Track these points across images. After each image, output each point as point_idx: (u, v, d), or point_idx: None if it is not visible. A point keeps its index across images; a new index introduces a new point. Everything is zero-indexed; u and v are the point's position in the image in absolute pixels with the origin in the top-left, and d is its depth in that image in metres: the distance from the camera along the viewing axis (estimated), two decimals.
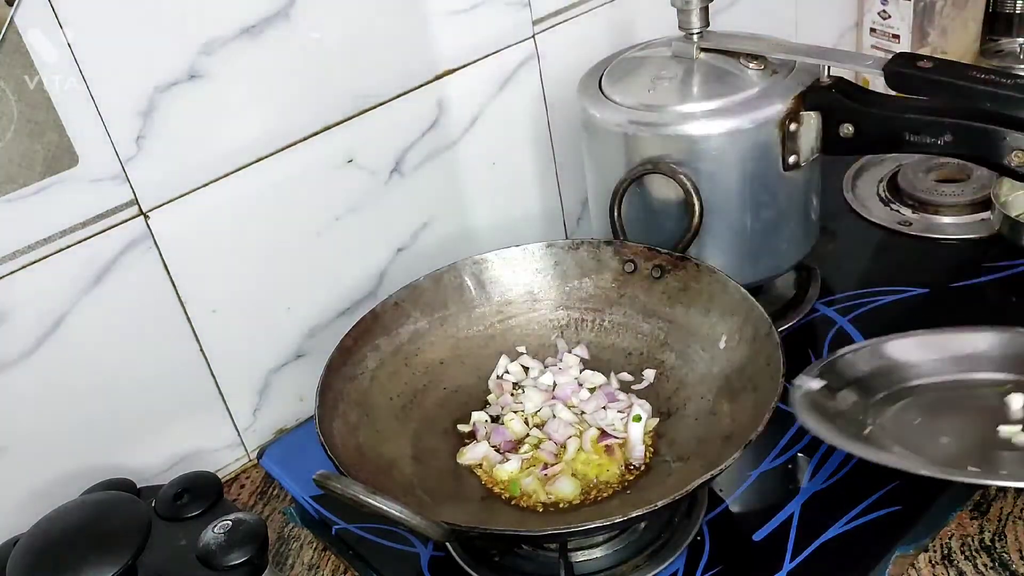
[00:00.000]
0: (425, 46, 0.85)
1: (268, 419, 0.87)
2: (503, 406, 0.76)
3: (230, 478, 0.85)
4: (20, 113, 0.65)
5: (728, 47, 0.79)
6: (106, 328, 0.74)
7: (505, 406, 0.76)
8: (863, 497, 0.67)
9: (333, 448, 0.64)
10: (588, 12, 0.96)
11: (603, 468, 0.69)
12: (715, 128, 0.75)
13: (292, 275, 0.83)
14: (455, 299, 0.80)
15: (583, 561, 0.66)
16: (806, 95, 0.75)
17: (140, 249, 0.74)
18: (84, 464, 0.75)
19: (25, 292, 0.69)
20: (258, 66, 0.75)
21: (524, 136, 0.96)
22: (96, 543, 0.53)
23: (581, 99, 0.82)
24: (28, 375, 0.71)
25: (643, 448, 0.71)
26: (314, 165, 0.81)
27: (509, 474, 0.70)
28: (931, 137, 0.70)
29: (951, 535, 0.68)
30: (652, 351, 0.78)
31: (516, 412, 0.75)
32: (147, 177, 0.72)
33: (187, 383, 0.80)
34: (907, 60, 0.71)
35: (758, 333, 0.69)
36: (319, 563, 0.75)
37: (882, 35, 1.19)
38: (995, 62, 1.21)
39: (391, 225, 0.89)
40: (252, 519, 0.58)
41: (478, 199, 0.95)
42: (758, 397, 0.66)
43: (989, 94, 0.66)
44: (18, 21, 0.63)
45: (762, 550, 0.65)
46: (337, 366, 0.71)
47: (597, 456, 0.70)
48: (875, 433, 0.66)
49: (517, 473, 0.70)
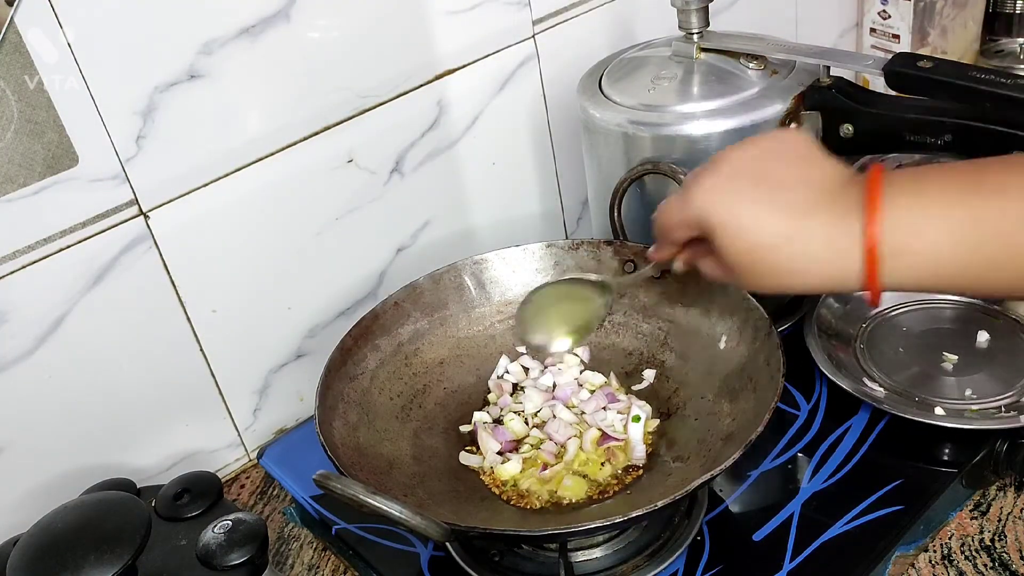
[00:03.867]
0: (425, 46, 0.85)
1: (268, 419, 0.87)
2: (503, 407, 0.76)
3: (230, 478, 0.85)
4: (20, 113, 0.65)
5: (728, 47, 0.79)
6: (106, 328, 0.74)
7: (505, 407, 0.76)
8: (863, 497, 0.67)
9: (333, 448, 0.64)
10: (588, 12, 0.96)
11: (603, 468, 0.69)
12: (715, 128, 0.74)
13: (292, 275, 0.83)
14: (455, 299, 0.80)
15: (583, 561, 0.66)
16: (806, 95, 0.75)
17: (140, 249, 0.74)
18: (84, 464, 0.76)
19: (25, 292, 0.69)
20: (258, 66, 0.75)
21: (524, 136, 0.97)
22: (96, 543, 0.53)
23: (581, 99, 0.82)
24: (28, 375, 0.71)
25: (644, 448, 0.71)
26: (314, 165, 0.81)
27: (511, 475, 0.70)
28: (931, 137, 0.70)
29: (951, 535, 0.68)
30: (652, 351, 0.78)
31: (517, 412, 0.75)
32: (147, 177, 0.72)
33: (187, 383, 0.80)
34: (907, 60, 0.70)
35: (758, 333, 0.69)
36: (319, 563, 0.75)
37: (882, 35, 1.18)
38: (995, 62, 1.21)
39: (391, 225, 0.89)
40: (252, 519, 0.58)
41: (478, 199, 0.95)
42: (758, 397, 0.66)
43: (989, 94, 0.66)
44: (18, 21, 0.63)
45: (762, 550, 0.65)
46: (337, 366, 0.71)
47: (597, 456, 0.70)
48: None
49: (518, 474, 0.70)
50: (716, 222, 0.54)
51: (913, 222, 0.50)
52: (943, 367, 0.77)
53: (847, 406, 0.74)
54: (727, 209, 0.54)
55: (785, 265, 0.52)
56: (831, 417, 0.75)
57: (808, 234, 0.51)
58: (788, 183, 0.53)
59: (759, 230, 0.52)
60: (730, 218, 0.53)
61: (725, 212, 0.54)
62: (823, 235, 0.51)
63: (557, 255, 0.81)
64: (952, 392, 0.74)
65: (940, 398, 0.74)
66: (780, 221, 0.52)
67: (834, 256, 0.51)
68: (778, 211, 0.52)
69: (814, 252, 0.51)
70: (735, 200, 0.54)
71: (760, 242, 0.52)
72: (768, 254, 0.52)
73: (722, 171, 0.55)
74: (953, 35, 1.18)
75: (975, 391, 0.74)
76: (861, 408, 0.74)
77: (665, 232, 0.60)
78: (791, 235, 0.52)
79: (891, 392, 0.75)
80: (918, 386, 0.75)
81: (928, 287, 0.52)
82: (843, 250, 0.51)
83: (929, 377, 0.76)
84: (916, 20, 1.14)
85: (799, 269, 0.52)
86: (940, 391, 0.75)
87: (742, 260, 0.54)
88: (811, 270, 0.52)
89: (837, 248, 0.51)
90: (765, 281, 0.54)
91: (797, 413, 0.76)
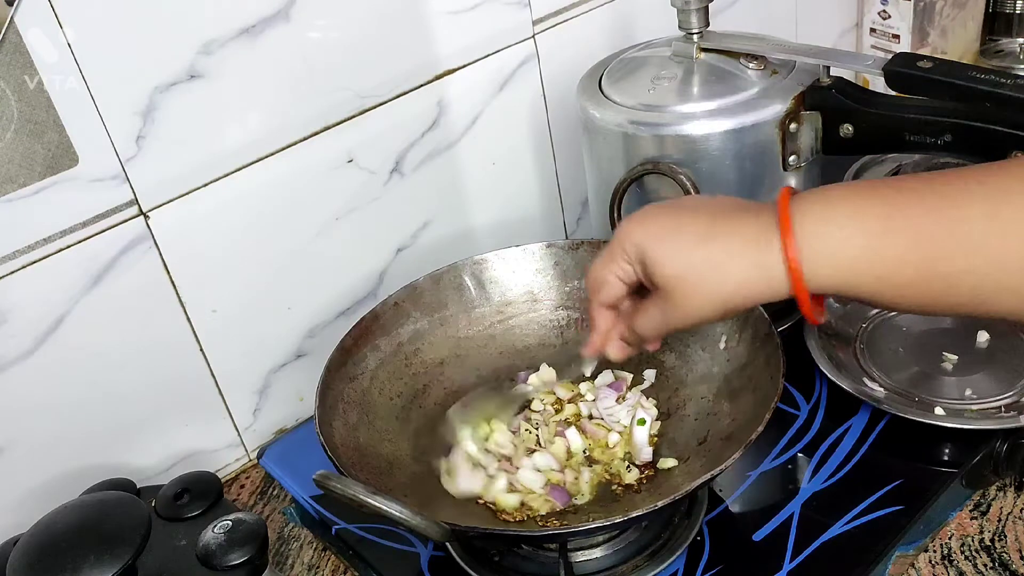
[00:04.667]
0: (425, 46, 0.85)
1: (268, 419, 0.87)
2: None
3: (230, 478, 0.85)
4: (20, 113, 0.65)
5: (728, 47, 0.79)
6: (106, 328, 0.74)
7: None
8: (863, 497, 0.67)
9: (333, 448, 0.64)
10: (588, 12, 0.96)
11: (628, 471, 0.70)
12: (715, 128, 0.74)
13: (292, 275, 0.83)
14: (455, 299, 0.80)
15: (583, 561, 0.66)
16: (806, 95, 0.75)
17: (140, 249, 0.74)
18: (84, 464, 0.76)
19: (25, 292, 0.69)
20: (258, 66, 0.75)
21: (524, 136, 0.97)
22: (96, 543, 0.53)
23: (581, 99, 0.82)
24: (28, 375, 0.71)
25: (650, 451, 0.71)
26: (314, 165, 0.81)
27: (512, 505, 0.68)
28: (931, 137, 0.70)
29: (951, 535, 0.68)
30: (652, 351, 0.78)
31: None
32: (147, 177, 0.72)
33: (187, 383, 0.80)
34: (907, 60, 0.70)
35: (758, 333, 0.69)
36: (319, 563, 0.75)
37: (882, 35, 1.18)
38: (995, 62, 1.21)
39: (391, 225, 0.89)
40: (252, 519, 0.58)
41: (478, 199, 0.95)
42: (758, 397, 0.66)
43: (989, 94, 0.66)
44: (18, 21, 0.63)
45: (762, 550, 0.65)
46: (337, 366, 0.71)
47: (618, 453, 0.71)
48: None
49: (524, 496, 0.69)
50: (648, 247, 0.55)
51: (824, 221, 0.50)
52: (943, 367, 0.77)
53: (847, 406, 0.74)
54: (655, 236, 0.55)
55: (712, 277, 0.53)
56: (831, 417, 0.75)
57: (729, 242, 0.53)
58: (707, 210, 0.55)
59: (688, 252, 0.54)
60: (658, 244, 0.55)
61: (654, 239, 0.55)
62: (741, 245, 0.52)
63: (557, 255, 0.81)
64: (952, 392, 0.74)
65: (940, 398, 0.74)
66: (701, 241, 0.54)
67: (755, 262, 0.52)
68: (701, 232, 0.54)
69: (738, 266, 0.53)
70: (662, 230, 0.55)
71: (691, 262, 0.54)
72: (699, 268, 0.54)
73: (647, 212, 0.57)
74: (953, 35, 1.18)
75: (975, 391, 0.74)
76: (861, 408, 0.74)
77: (598, 285, 0.60)
78: (714, 248, 0.53)
79: (891, 392, 0.75)
80: (918, 386, 0.75)
81: (860, 288, 0.51)
82: (764, 257, 0.52)
83: (929, 377, 0.76)
84: (916, 20, 1.14)
85: (725, 280, 0.53)
86: (940, 391, 0.75)
87: (671, 284, 0.54)
88: (733, 280, 0.53)
89: (757, 256, 0.52)
90: (694, 301, 0.54)
91: (797, 413, 0.76)
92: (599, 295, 0.60)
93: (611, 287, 0.59)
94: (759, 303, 0.54)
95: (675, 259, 0.54)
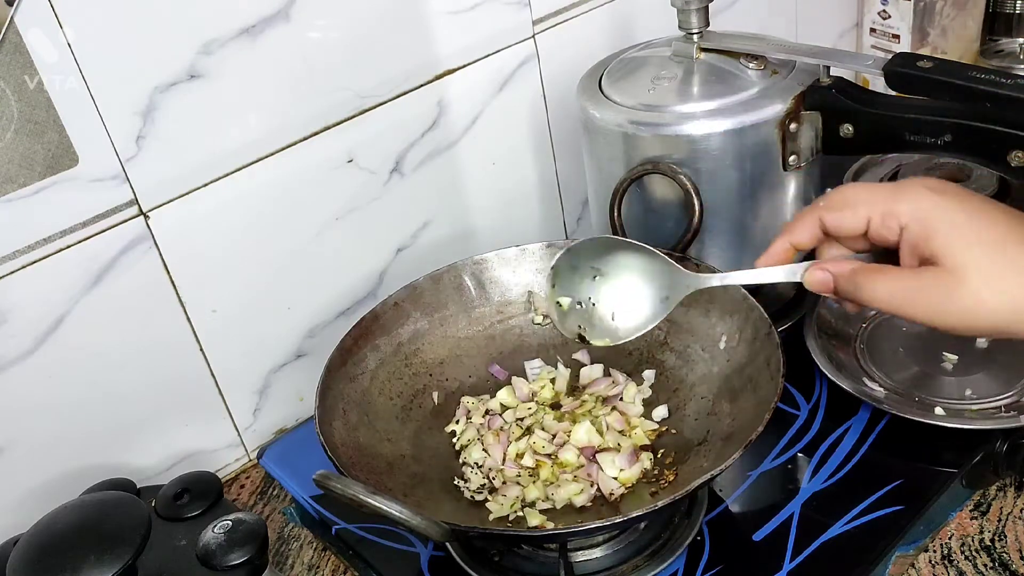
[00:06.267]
0: (425, 46, 0.85)
1: (268, 419, 0.87)
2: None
3: (230, 478, 0.85)
4: (20, 113, 0.65)
5: (728, 47, 0.79)
6: (106, 328, 0.74)
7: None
8: (863, 497, 0.67)
9: (333, 448, 0.64)
10: (588, 12, 0.96)
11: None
12: (715, 128, 0.74)
13: (292, 275, 0.83)
14: (455, 299, 0.80)
15: (583, 561, 0.66)
16: (806, 95, 0.75)
17: (140, 249, 0.74)
18: (84, 464, 0.76)
19: (25, 292, 0.69)
20: (258, 66, 0.75)
21: (524, 136, 0.97)
22: (96, 543, 0.53)
23: (581, 99, 0.82)
24: (28, 375, 0.71)
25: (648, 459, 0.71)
26: (314, 165, 0.81)
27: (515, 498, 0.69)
28: (931, 137, 0.70)
29: (951, 535, 0.68)
30: (652, 351, 0.78)
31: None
32: (147, 177, 0.72)
33: (187, 383, 0.80)
34: (907, 60, 0.70)
35: (758, 333, 0.69)
36: (319, 563, 0.75)
37: (882, 35, 1.18)
38: (995, 62, 1.21)
39: (391, 225, 0.89)
40: (252, 519, 0.58)
41: (478, 199, 0.95)
42: (758, 397, 0.66)
43: (989, 94, 0.66)
44: (18, 21, 0.63)
45: (762, 550, 0.65)
46: (337, 366, 0.71)
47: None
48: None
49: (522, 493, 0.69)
50: (941, 218, 0.48)
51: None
52: (943, 367, 0.77)
53: (847, 406, 0.74)
54: (954, 210, 0.48)
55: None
56: (831, 417, 0.75)
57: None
58: (1001, 210, 0.49)
59: (993, 246, 0.48)
60: (961, 221, 0.48)
61: (955, 212, 0.48)
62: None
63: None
64: (952, 392, 0.74)
65: (940, 398, 0.74)
66: (1009, 243, 0.48)
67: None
68: (1002, 232, 0.48)
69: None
70: (963, 211, 0.48)
71: (1005, 256, 0.47)
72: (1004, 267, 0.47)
73: (931, 185, 0.50)
74: (953, 35, 1.18)
75: (975, 391, 0.74)
76: (861, 408, 0.74)
77: (845, 202, 0.52)
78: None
79: (891, 392, 0.75)
80: (918, 386, 0.75)
81: None
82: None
83: (929, 377, 0.76)
84: (916, 20, 1.14)
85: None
86: (940, 391, 0.75)
87: (965, 269, 0.47)
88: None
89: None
90: (985, 300, 0.47)
91: (797, 413, 0.76)
92: (837, 212, 0.53)
93: (855, 218, 0.52)
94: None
95: (978, 246, 0.47)
